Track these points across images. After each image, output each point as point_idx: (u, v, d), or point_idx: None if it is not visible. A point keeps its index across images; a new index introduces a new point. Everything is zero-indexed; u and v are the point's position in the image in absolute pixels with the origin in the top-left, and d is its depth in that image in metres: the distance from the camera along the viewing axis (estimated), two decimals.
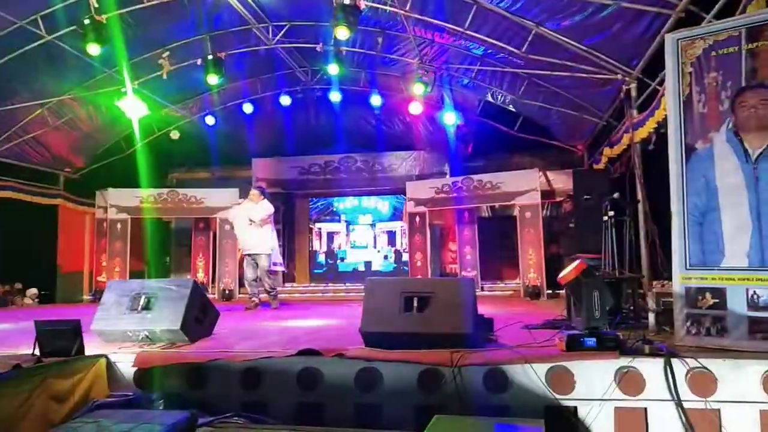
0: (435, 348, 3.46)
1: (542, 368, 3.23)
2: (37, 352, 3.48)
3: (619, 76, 7.63)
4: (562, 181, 11.07)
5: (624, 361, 3.20)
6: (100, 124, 11.36)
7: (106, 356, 3.66)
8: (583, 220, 7.66)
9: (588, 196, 7.60)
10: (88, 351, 3.64)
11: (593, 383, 3.18)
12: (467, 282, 3.99)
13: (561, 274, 4.30)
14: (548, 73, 8.56)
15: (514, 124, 11.15)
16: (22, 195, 10.94)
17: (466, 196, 10.97)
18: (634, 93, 7.62)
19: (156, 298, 4.25)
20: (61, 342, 3.53)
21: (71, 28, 8.03)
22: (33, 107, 9.89)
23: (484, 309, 3.99)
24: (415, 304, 3.72)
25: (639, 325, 4.42)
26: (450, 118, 11.25)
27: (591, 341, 3.31)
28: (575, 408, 3.17)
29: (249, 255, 7.83)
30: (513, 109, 10.74)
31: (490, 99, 10.79)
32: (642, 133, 7.12)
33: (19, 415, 2.95)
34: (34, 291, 11.43)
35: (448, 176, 12.07)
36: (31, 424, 3.01)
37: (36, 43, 8.45)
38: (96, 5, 7.38)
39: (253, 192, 8.02)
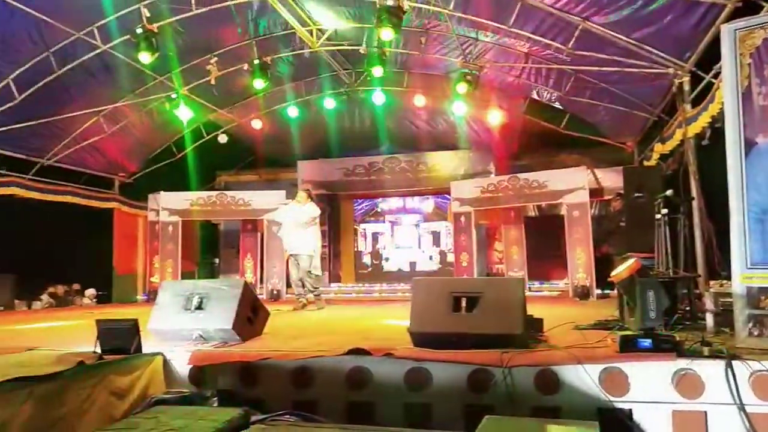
0: (484, 348, 3.43)
1: (595, 369, 3.16)
2: (98, 349, 3.61)
3: (671, 70, 7.41)
4: (610, 179, 10.82)
5: (682, 363, 3.10)
6: (151, 129, 11.73)
7: (162, 354, 3.76)
8: (634, 219, 7.45)
9: (639, 194, 7.38)
10: (145, 349, 3.75)
11: (649, 385, 3.09)
12: (516, 281, 3.95)
13: (613, 273, 4.20)
14: (596, 68, 8.38)
15: (561, 121, 10.97)
16: (80, 199, 11.41)
17: (512, 196, 10.84)
18: (687, 87, 7.39)
19: (208, 298, 4.36)
20: (121, 340, 3.65)
21: (125, 37, 8.32)
22: (90, 115, 10.29)
23: (532, 309, 3.93)
24: (464, 304, 3.70)
25: (696, 327, 4.27)
26: (495, 117, 11.15)
27: (646, 342, 3.23)
28: (630, 410, 3.10)
29: (292, 255, 7.94)
30: (559, 107, 10.56)
31: (535, 97, 10.64)
32: (696, 127, 6.89)
33: (83, 409, 3.07)
34: (92, 291, 11.89)
35: (493, 175, 11.97)
36: (94, 418, 3.13)
37: (92, 53, 8.79)
38: (148, 15, 7.62)
39: (300, 194, 8.10)
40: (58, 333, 5.51)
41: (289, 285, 10.25)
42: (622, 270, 4.04)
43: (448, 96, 11.00)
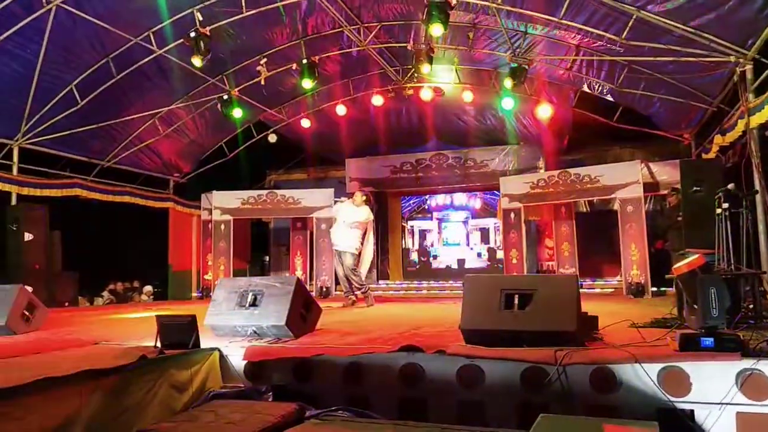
0: (538, 346, 3.38)
1: (654, 368, 3.08)
2: (159, 344, 3.75)
3: (732, 58, 7.11)
4: (666, 173, 10.47)
5: (747, 363, 2.98)
6: (204, 130, 12.05)
7: (218, 349, 3.87)
8: (693, 214, 7.19)
9: (697, 188, 7.12)
10: (203, 344, 3.86)
11: (712, 386, 2.99)
12: (570, 278, 3.88)
13: (676, 266, 4.07)
14: (651, 59, 8.13)
15: (613, 114, 10.69)
16: (138, 199, 11.82)
17: (562, 191, 10.64)
18: (749, 75, 7.08)
19: (262, 294, 4.45)
20: (180, 335, 3.77)
21: (179, 42, 8.57)
22: (146, 118, 10.65)
23: (585, 307, 3.85)
24: (516, 301, 3.65)
25: (761, 325, 4.10)
26: (544, 111, 10.96)
27: (708, 341, 3.12)
28: (692, 411, 3.00)
29: (337, 252, 8.00)
30: (611, 99, 10.29)
31: (586, 89, 10.40)
32: (760, 118, 6.60)
33: (146, 401, 3.19)
34: (149, 288, 12.33)
35: (543, 170, 11.78)
36: (156, 410, 3.25)
37: (149, 58, 9.09)
38: (200, 18, 7.82)
39: (357, 194, 8.13)
40: (120, 328, 5.73)
41: (338, 282, 10.36)
42: (683, 264, 3.91)
43: (497, 91, 10.88)
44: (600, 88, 10.14)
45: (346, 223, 7.82)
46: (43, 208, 9.70)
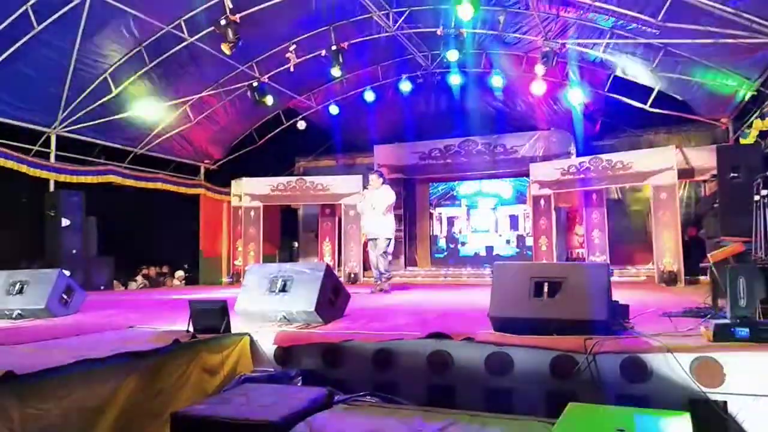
0: (567, 334, 3.36)
1: (686, 358, 3.03)
2: (191, 328, 3.83)
3: None
4: (702, 159, 10.20)
5: None
6: (234, 117, 12.16)
7: (249, 334, 3.94)
8: (729, 201, 7.01)
9: (735, 174, 6.94)
10: (233, 329, 3.93)
11: (747, 377, 2.93)
12: (601, 266, 3.84)
13: (712, 254, 3.99)
14: (688, 41, 7.91)
15: (647, 98, 10.45)
16: (170, 186, 12.02)
17: (594, 177, 10.47)
18: None
19: (292, 280, 4.50)
20: (211, 320, 3.85)
21: (209, 29, 8.64)
22: (178, 105, 10.78)
23: (616, 295, 3.81)
24: (546, 289, 3.64)
25: None
26: (576, 96, 10.78)
27: (743, 332, 3.06)
28: (725, 402, 2.95)
29: (370, 239, 8.03)
30: (645, 84, 10.06)
31: (619, 74, 10.18)
32: None
33: (179, 383, 3.28)
34: (181, 273, 12.56)
35: (574, 156, 11.60)
36: (189, 393, 3.33)
37: (180, 46, 9.20)
38: (230, 6, 7.87)
39: (372, 177, 8.08)
40: (154, 312, 5.87)
41: (366, 268, 10.40)
42: (720, 251, 3.83)
43: (528, 75, 10.73)
44: (634, 72, 9.91)
45: (378, 210, 7.77)
46: (79, 194, 9.93)
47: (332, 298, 4.54)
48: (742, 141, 9.10)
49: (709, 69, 8.60)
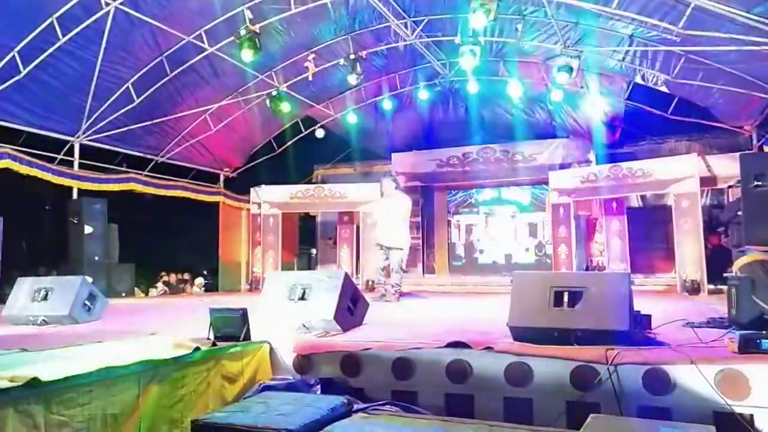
0: (588, 344, 3.34)
1: (711, 370, 2.98)
2: (211, 336, 3.86)
3: None
4: (725, 166, 10.05)
5: None
6: (253, 126, 12.27)
7: (268, 342, 3.96)
8: (754, 209, 6.88)
9: (759, 182, 6.83)
10: (253, 337, 3.95)
11: None
12: (622, 275, 3.80)
13: (737, 262, 3.93)
14: (710, 48, 7.82)
15: (668, 106, 10.35)
16: (190, 193, 12.13)
17: (614, 185, 10.38)
18: None
19: (311, 288, 4.52)
20: (231, 328, 3.87)
21: (229, 39, 8.75)
22: (198, 114, 10.92)
23: (638, 305, 3.76)
24: (566, 298, 3.61)
25: None
26: (595, 104, 10.71)
27: None
28: (751, 416, 2.90)
29: (381, 246, 7.69)
30: (666, 90, 9.96)
31: (639, 81, 10.10)
32: None
33: (200, 391, 3.30)
34: (200, 280, 12.69)
35: (593, 164, 11.52)
36: (210, 400, 3.36)
37: (201, 56, 9.33)
38: (251, 16, 7.97)
39: (385, 182, 7.75)
40: (174, 318, 5.93)
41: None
42: (745, 260, 3.78)
43: (546, 83, 10.69)
44: (654, 80, 9.83)
45: (391, 218, 7.53)
46: (102, 201, 10.08)
47: (351, 306, 4.55)
48: (766, 149, 8.97)
49: (732, 76, 8.49)
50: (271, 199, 12.16)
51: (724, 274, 4.81)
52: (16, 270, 8.62)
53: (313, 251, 15.00)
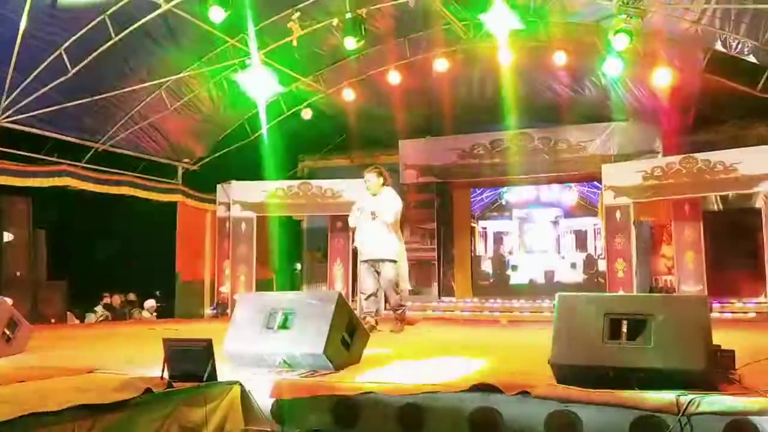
0: (653, 388, 3.34)
1: None
2: (166, 375, 3.86)
3: None
4: None
5: None
6: (221, 104, 12.27)
7: (240, 383, 3.96)
8: None
9: None
10: (220, 376, 3.95)
11: None
12: (697, 300, 3.80)
13: None
14: None
15: (757, 80, 10.34)
16: (139, 191, 12.15)
17: (686, 183, 10.40)
18: None
19: (294, 314, 4.52)
20: (192, 364, 3.87)
21: None
22: (150, 88, 10.94)
23: (717, 337, 3.76)
24: (625, 329, 3.61)
25: None
26: (663, 78, 10.68)
27: None
28: None
29: (369, 261, 7.73)
30: (755, 61, 9.95)
31: (720, 48, 10.09)
32: None
33: None
34: (151, 303, 12.69)
35: (660, 156, 11.53)
36: None
37: (154, 13, 9.33)
38: None
39: (369, 177, 7.73)
40: (119, 352, 5.92)
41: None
42: None
43: (599, 51, 10.68)
44: (739, 46, 9.83)
45: (377, 220, 7.51)
46: (27, 201, 10.07)
47: (346, 337, 4.55)
48: None
49: None
50: (244, 198, 12.18)
51: None
52: None
53: (298, 266, 15.01)
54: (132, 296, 12.98)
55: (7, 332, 5.55)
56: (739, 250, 11.16)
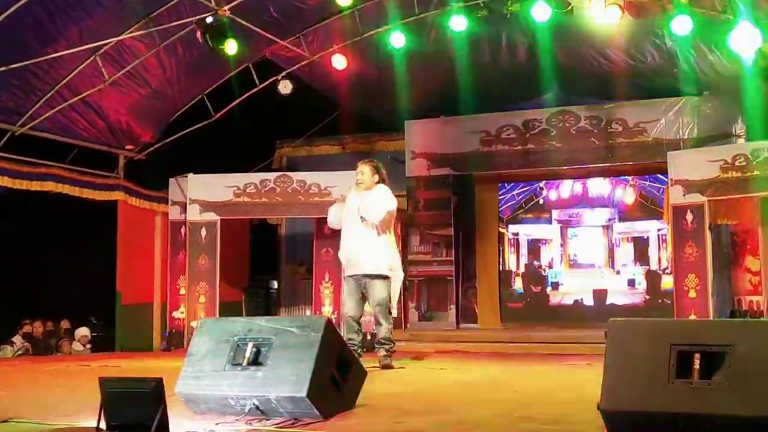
0: None
1: None
2: (103, 424, 3.85)
3: None
4: None
5: None
6: (175, 75, 12.25)
7: None
8: None
9: None
10: (173, 427, 3.95)
11: None
12: None
13: None
14: None
15: None
16: (68, 186, 12.10)
17: None
18: None
19: (269, 346, 4.50)
20: (137, 411, 3.86)
21: None
22: (82, 54, 10.92)
23: None
24: (697, 365, 3.61)
25: None
26: (747, 37, 10.67)
27: None
28: None
29: (354, 276, 7.82)
30: None
31: None
32: None
33: None
34: (84, 332, 12.67)
35: (743, 140, 11.51)
36: None
37: None
38: None
39: (363, 169, 7.92)
40: (42, 395, 5.91)
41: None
42: None
43: (664, 6, 10.69)
44: None
45: (366, 222, 7.65)
46: None
47: (336, 375, 4.54)
48: None
49: None
50: (205, 196, 12.16)
51: None
52: None
53: (274, 284, 14.99)
54: (63, 324, 12.96)
55: None
56: None
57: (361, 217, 7.63)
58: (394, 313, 8.13)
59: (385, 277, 7.73)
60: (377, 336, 7.89)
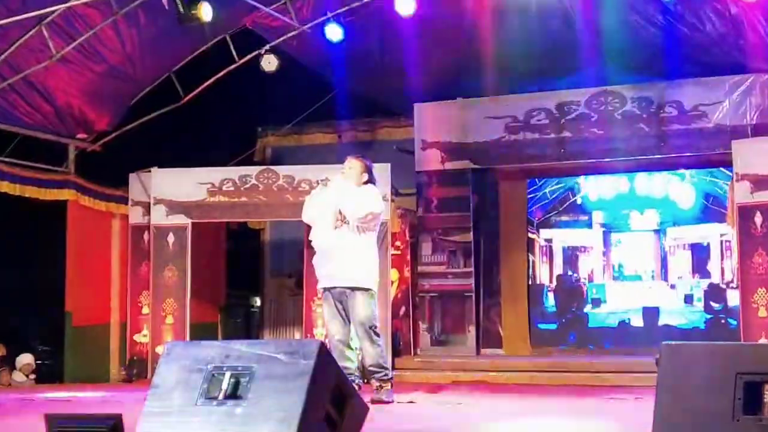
0: None
1: None
2: None
3: None
4: None
5: None
6: (136, 48, 12.29)
7: None
8: None
9: None
10: None
11: None
12: None
13: None
14: None
15: None
16: (5, 184, 12.11)
17: None
18: None
19: (251, 376, 4.51)
20: None
21: None
22: (25, 23, 10.96)
23: None
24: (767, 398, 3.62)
25: None
26: None
27: None
28: None
29: (332, 290, 7.91)
30: None
31: None
32: None
33: None
34: (27, 360, 12.67)
35: None
36: None
37: None
38: None
39: (353, 163, 8.17)
40: None
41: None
42: None
43: None
44: None
45: (346, 223, 7.78)
46: None
47: (332, 412, 4.56)
48: None
49: None
50: (172, 195, 12.18)
51: None
52: None
53: (256, 301, 15.02)
54: (1, 350, 12.99)
55: None
56: None
57: (340, 212, 7.73)
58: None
59: (368, 290, 7.78)
60: (364, 364, 7.92)
